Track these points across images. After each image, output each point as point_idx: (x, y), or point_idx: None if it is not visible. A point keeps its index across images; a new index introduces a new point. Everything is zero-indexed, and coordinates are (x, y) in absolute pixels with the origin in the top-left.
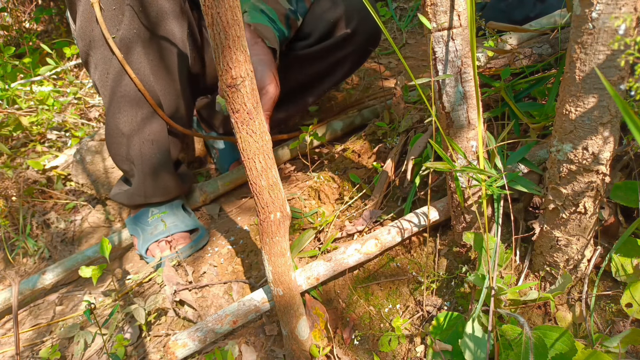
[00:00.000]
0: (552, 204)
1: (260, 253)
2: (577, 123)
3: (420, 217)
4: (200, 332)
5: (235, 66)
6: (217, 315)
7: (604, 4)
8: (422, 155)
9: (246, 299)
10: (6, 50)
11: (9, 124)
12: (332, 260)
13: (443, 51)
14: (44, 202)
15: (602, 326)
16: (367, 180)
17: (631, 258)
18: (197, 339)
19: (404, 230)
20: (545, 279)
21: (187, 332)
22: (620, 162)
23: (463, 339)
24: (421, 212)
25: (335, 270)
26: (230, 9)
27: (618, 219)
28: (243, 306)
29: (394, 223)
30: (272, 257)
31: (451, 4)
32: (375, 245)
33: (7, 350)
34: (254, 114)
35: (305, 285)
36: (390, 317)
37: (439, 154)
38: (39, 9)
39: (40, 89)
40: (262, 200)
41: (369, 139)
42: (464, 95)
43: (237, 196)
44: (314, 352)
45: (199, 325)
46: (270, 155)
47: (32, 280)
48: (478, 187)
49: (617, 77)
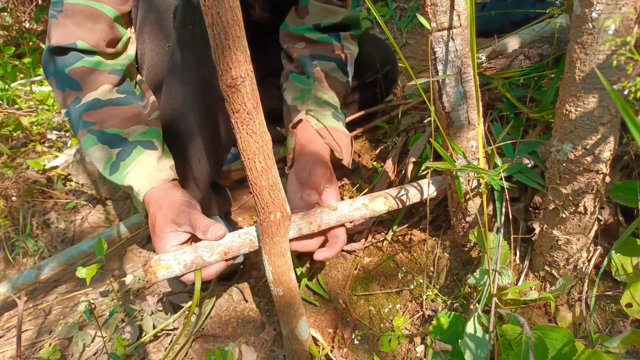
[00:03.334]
0: (552, 204)
1: (260, 253)
2: (577, 123)
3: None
4: (187, 255)
5: (235, 66)
6: (209, 242)
7: (604, 4)
8: (422, 155)
9: (242, 232)
10: (6, 50)
11: (9, 124)
12: (337, 210)
13: (443, 51)
14: (44, 202)
15: (602, 326)
16: (367, 180)
17: (631, 258)
18: (183, 263)
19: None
20: (545, 279)
21: (172, 254)
22: (620, 162)
23: (463, 339)
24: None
25: (339, 221)
26: (230, 9)
27: (618, 219)
28: (238, 238)
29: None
30: (272, 257)
31: (451, 4)
32: (384, 203)
33: (7, 350)
34: (254, 114)
35: (306, 230)
36: (390, 317)
37: (440, 154)
38: (39, 9)
39: (40, 89)
40: (262, 200)
41: (369, 138)
42: (464, 95)
43: (237, 196)
44: (314, 352)
45: (187, 248)
46: (270, 155)
47: (28, 275)
48: (478, 186)
49: (617, 77)
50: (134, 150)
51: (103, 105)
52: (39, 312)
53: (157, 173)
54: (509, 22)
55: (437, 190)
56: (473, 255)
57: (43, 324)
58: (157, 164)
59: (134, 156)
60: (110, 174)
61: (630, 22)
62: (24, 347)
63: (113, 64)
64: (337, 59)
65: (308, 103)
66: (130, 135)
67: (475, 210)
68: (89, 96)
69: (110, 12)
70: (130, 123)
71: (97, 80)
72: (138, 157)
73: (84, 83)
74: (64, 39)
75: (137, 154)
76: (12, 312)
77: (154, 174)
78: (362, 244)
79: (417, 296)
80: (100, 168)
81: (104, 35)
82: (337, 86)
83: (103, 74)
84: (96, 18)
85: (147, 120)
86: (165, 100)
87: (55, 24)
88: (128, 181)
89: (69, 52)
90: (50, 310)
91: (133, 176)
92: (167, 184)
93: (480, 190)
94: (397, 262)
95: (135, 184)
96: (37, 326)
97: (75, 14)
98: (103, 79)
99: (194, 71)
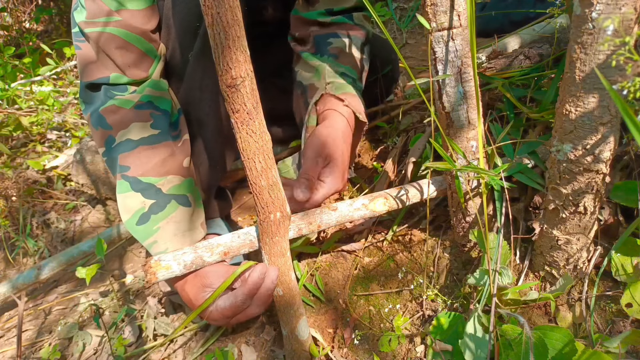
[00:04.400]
0: (552, 204)
1: (260, 253)
2: (577, 123)
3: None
4: (187, 255)
5: (235, 66)
6: (208, 243)
7: (604, 4)
8: (422, 155)
9: (242, 232)
10: (6, 50)
11: (9, 124)
12: (337, 210)
13: (443, 51)
14: (44, 202)
15: (602, 326)
16: (367, 180)
17: (631, 258)
18: (183, 264)
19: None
20: (545, 279)
21: (172, 255)
22: (620, 162)
23: (463, 339)
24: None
25: (339, 222)
26: (230, 9)
27: (618, 219)
28: (237, 238)
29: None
30: (272, 257)
31: (451, 4)
32: (384, 204)
33: (7, 350)
34: (254, 114)
35: (306, 230)
36: (390, 317)
37: (439, 154)
38: (39, 9)
39: (40, 89)
40: (262, 200)
41: (369, 138)
42: (464, 95)
43: (237, 196)
44: (314, 352)
45: (187, 249)
46: (270, 155)
47: (28, 275)
48: (478, 186)
49: (617, 77)
50: (168, 205)
51: (136, 146)
52: (39, 312)
53: (190, 234)
54: (509, 22)
55: (437, 190)
56: (473, 255)
57: (43, 324)
58: (189, 222)
59: (168, 212)
60: (137, 223)
61: (630, 22)
62: (24, 347)
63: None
64: (353, 36)
65: (325, 78)
66: (164, 186)
67: (475, 210)
68: (122, 135)
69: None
70: (166, 167)
71: (126, 117)
72: (172, 214)
73: (115, 123)
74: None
75: (171, 210)
76: (12, 312)
77: (186, 235)
78: (362, 244)
79: (417, 296)
80: (127, 216)
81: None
82: (353, 62)
83: (131, 111)
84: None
85: (182, 167)
86: (183, 106)
87: (83, 57)
88: (157, 237)
89: (100, 88)
90: (50, 310)
91: (164, 233)
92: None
93: (480, 190)
94: (397, 262)
95: (164, 242)
96: (37, 326)
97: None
98: (132, 115)
99: (213, 78)
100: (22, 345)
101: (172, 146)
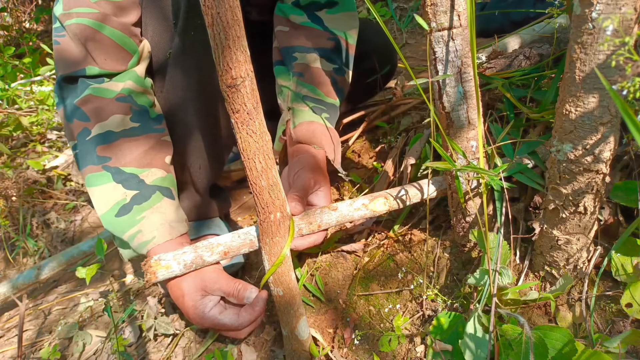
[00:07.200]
0: (552, 204)
1: (260, 253)
2: (577, 123)
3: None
4: (187, 255)
5: (235, 66)
6: (209, 243)
7: (604, 4)
8: (421, 156)
9: (242, 232)
10: (6, 50)
11: (9, 124)
12: (337, 210)
13: (443, 51)
14: (44, 202)
15: (602, 326)
16: (367, 180)
17: (631, 258)
18: (183, 263)
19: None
20: (545, 279)
21: (172, 254)
22: (620, 162)
23: (463, 339)
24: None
25: (339, 222)
26: (230, 9)
27: (618, 219)
28: (237, 238)
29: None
30: (272, 257)
31: (451, 4)
32: (384, 204)
33: (7, 350)
34: (254, 114)
35: (306, 230)
36: (390, 317)
37: (439, 154)
38: (39, 9)
39: (40, 89)
40: (262, 200)
41: (369, 138)
42: (464, 95)
43: (237, 196)
44: (314, 352)
45: (187, 248)
46: (270, 155)
47: (28, 275)
48: (478, 186)
49: (617, 77)
50: (153, 195)
51: (118, 138)
52: (39, 312)
53: (177, 225)
54: (509, 22)
55: (437, 190)
56: (473, 255)
57: (43, 324)
58: (175, 214)
59: (153, 201)
60: (117, 215)
61: (630, 22)
62: (24, 346)
63: (120, 89)
64: (319, 48)
65: (288, 101)
66: (148, 177)
67: (475, 210)
68: (101, 127)
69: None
70: (148, 158)
71: (106, 109)
72: (157, 204)
73: (92, 113)
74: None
75: (156, 200)
76: (12, 312)
77: (174, 225)
78: (362, 244)
79: (417, 296)
80: (104, 209)
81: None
82: (319, 77)
83: (111, 103)
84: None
85: (164, 163)
86: (165, 106)
87: (60, 51)
88: (141, 226)
89: (77, 80)
90: (50, 310)
91: (149, 222)
92: (180, 239)
93: (480, 190)
94: (397, 262)
95: (150, 231)
96: (37, 326)
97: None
98: (112, 107)
99: (195, 77)
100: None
101: (155, 138)
